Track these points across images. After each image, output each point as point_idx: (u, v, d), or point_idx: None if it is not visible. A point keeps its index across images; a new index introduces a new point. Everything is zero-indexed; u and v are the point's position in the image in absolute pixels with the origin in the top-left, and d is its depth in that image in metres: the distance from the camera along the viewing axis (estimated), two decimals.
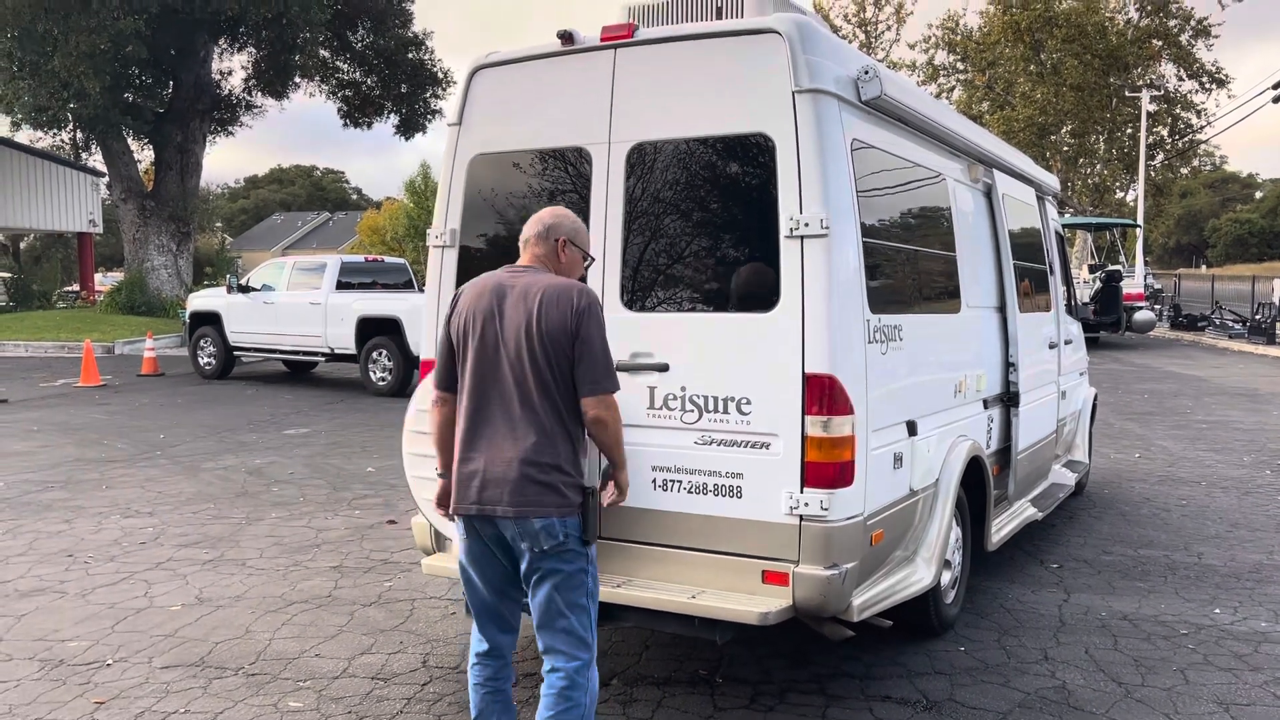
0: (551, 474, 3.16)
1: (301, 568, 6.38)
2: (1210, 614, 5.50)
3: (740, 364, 4.03)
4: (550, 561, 3.18)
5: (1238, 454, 10.39)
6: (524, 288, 3.25)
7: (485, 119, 4.64)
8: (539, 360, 3.17)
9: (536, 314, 3.18)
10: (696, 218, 4.16)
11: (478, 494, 3.20)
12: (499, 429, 3.21)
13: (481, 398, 3.25)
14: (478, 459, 3.22)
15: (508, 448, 3.18)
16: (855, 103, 4.21)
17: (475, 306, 3.29)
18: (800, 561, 3.92)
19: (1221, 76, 37.31)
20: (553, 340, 3.16)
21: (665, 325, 4.18)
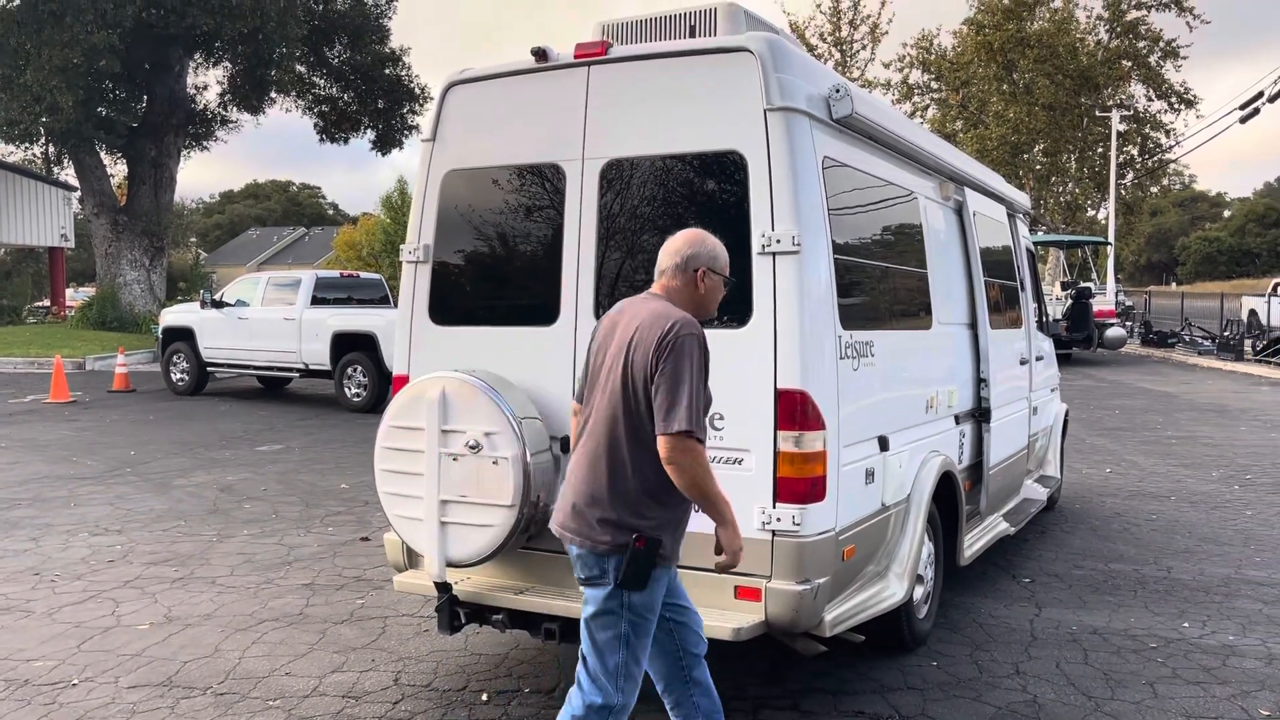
0: (597, 508, 3.06)
1: (273, 585, 6.32)
2: (1179, 627, 5.55)
3: (713, 379, 4.02)
4: (588, 591, 3.14)
5: (1207, 469, 10.51)
6: (632, 316, 3.16)
7: (459, 135, 4.65)
8: (620, 392, 3.07)
9: (629, 345, 3.09)
10: (669, 234, 4.16)
11: (557, 513, 3.22)
12: (579, 455, 3.18)
13: (582, 420, 3.26)
14: (566, 483, 3.22)
15: (577, 474, 3.15)
16: (827, 121, 4.25)
17: (603, 329, 3.27)
18: (772, 577, 3.93)
19: (1190, 97, 37.94)
20: (636, 372, 3.05)
21: None
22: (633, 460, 3.05)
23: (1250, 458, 11.20)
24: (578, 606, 4.08)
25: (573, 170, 4.35)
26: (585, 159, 4.33)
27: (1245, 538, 7.60)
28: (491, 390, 4.09)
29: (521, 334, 4.44)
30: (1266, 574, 6.61)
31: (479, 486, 4.07)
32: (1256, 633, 5.47)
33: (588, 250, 4.30)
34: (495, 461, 4.03)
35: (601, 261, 4.28)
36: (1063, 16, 37.72)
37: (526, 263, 4.48)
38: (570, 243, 4.33)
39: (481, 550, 4.12)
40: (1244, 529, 7.87)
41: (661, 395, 2.98)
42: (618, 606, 3.07)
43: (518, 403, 4.16)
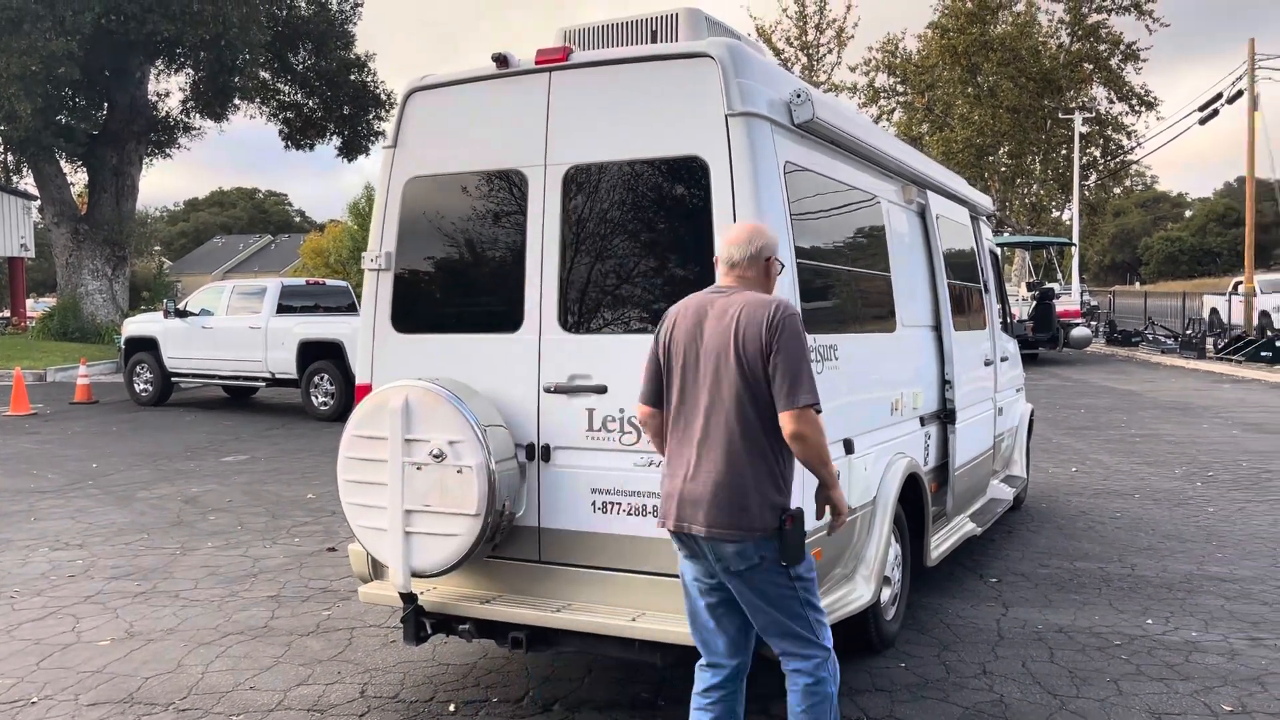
0: (747, 497, 3.14)
1: (237, 598, 6.24)
2: (1143, 624, 5.61)
3: None
4: (750, 580, 3.19)
5: (1170, 466, 10.65)
6: (723, 306, 3.25)
7: (421, 141, 4.62)
8: (740, 381, 3.15)
9: (735, 331, 3.17)
10: (634, 239, 4.17)
11: (677, 512, 3.23)
12: (697, 449, 3.20)
13: (685, 418, 3.27)
14: (679, 478, 3.24)
15: (709, 471, 3.17)
16: (788, 126, 4.26)
17: (680, 327, 3.30)
18: None
19: (1150, 99, 38.48)
20: (750, 357, 3.14)
21: (603, 347, 4.18)
22: (768, 443, 3.17)
23: (1212, 455, 11.36)
24: (544, 615, 4.06)
25: (535, 176, 4.33)
26: (548, 165, 4.31)
27: (1207, 534, 7.69)
28: (455, 398, 4.06)
29: (485, 341, 4.41)
30: (1228, 570, 6.70)
31: (443, 495, 4.04)
32: (1219, 628, 5.53)
33: (551, 256, 4.28)
34: (459, 470, 4.00)
35: (565, 267, 4.26)
36: (1025, 20, 38.16)
37: (490, 269, 4.45)
38: (533, 249, 4.31)
39: (447, 560, 4.08)
40: (1206, 525, 7.98)
41: (781, 373, 3.10)
42: (787, 582, 3.21)
43: (482, 410, 4.13)
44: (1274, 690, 4.63)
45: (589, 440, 4.18)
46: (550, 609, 4.10)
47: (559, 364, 4.24)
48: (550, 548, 4.26)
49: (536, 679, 4.83)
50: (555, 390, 4.23)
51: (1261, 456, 11.18)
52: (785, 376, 3.10)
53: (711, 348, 3.21)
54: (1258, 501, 8.86)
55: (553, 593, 4.24)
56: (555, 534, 4.25)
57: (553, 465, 4.26)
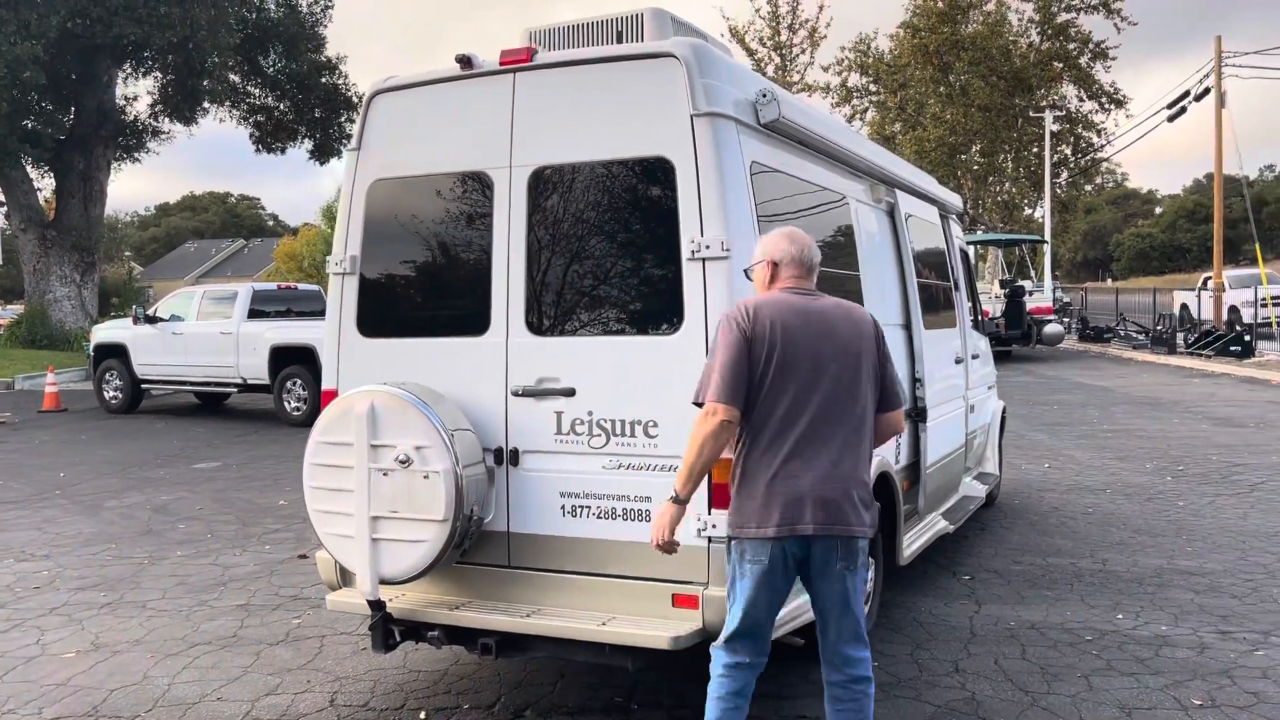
0: (866, 494, 3.29)
1: (206, 607, 6.17)
2: (1113, 619, 5.64)
3: (647, 387, 4.02)
4: (853, 576, 3.29)
5: (1141, 461, 10.74)
6: (837, 309, 3.36)
7: (384, 143, 4.58)
8: (862, 383, 3.29)
9: (864, 336, 3.34)
10: (600, 241, 4.14)
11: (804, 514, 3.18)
12: (820, 449, 3.21)
13: (798, 419, 3.22)
14: (808, 480, 3.19)
15: (831, 468, 3.21)
16: (754, 125, 4.25)
17: (789, 328, 3.25)
18: (709, 583, 3.91)
19: (1119, 97, 38.82)
20: (869, 361, 3.32)
21: (571, 349, 4.15)
22: (868, 442, 3.35)
23: (1182, 449, 11.46)
24: (514, 620, 4.03)
25: (500, 178, 4.30)
26: (513, 166, 4.28)
27: (1177, 528, 7.75)
28: (421, 403, 4.02)
29: (452, 345, 4.38)
30: (1197, 564, 6.75)
31: (410, 501, 4.00)
32: (1188, 622, 5.57)
33: (517, 258, 4.25)
34: (426, 476, 3.96)
35: (532, 270, 4.23)
36: (995, 19, 38.40)
37: (455, 272, 4.41)
38: (499, 251, 4.28)
39: (414, 566, 4.04)
40: (1176, 520, 8.04)
41: (891, 375, 3.41)
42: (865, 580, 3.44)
43: (448, 415, 4.09)
44: (1243, 683, 4.67)
45: (558, 443, 4.15)
46: (520, 614, 4.07)
47: (526, 367, 4.21)
48: (520, 552, 4.23)
49: (508, 685, 4.79)
50: (523, 393, 4.20)
51: (1230, 450, 11.30)
52: (894, 378, 3.43)
53: (844, 350, 3.28)
54: (1227, 495, 8.94)
55: (523, 598, 4.21)
56: (524, 538, 4.22)
57: (521, 469, 4.23)
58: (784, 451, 3.22)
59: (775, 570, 3.25)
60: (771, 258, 3.44)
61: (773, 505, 3.20)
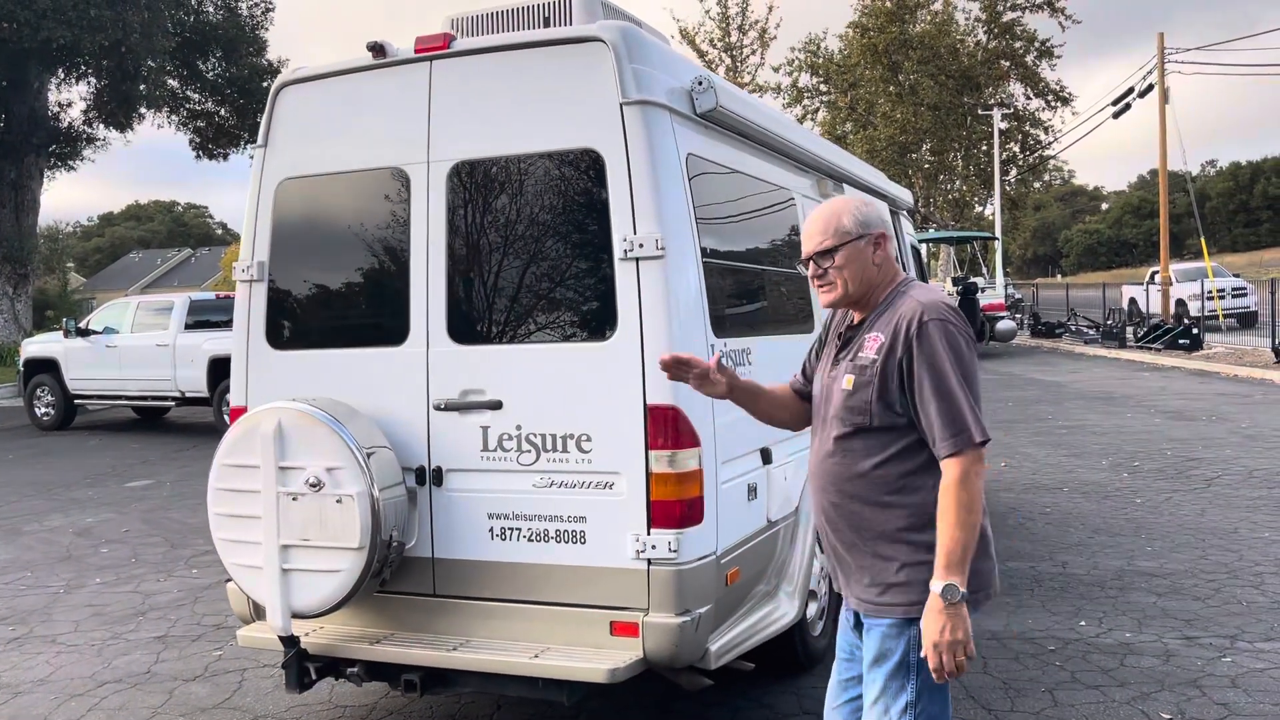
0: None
1: (120, 640, 5.76)
2: (1076, 627, 5.44)
3: (579, 398, 3.72)
4: None
5: (1096, 458, 10.63)
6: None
7: (293, 140, 4.23)
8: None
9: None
10: (526, 241, 3.84)
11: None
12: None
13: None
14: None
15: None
16: (690, 115, 3.97)
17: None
18: (650, 610, 3.61)
19: (1065, 95, 39.22)
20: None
21: (496, 359, 3.84)
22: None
23: (1137, 444, 11.39)
24: (439, 654, 3.72)
25: (418, 174, 3.97)
26: (431, 162, 3.96)
27: (1136, 527, 7.61)
28: (333, 420, 3.68)
29: (368, 356, 4.04)
30: (1158, 564, 6.59)
31: (322, 528, 3.66)
32: (1152, 628, 5.38)
33: (437, 262, 3.92)
34: (339, 499, 3.63)
35: (453, 273, 3.91)
36: (943, 19, 38.62)
37: (372, 278, 4.08)
38: (418, 254, 3.95)
39: (329, 599, 3.70)
40: (1134, 518, 7.90)
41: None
42: None
43: (363, 432, 3.76)
44: (1212, 693, 4.47)
45: (484, 461, 3.84)
46: (446, 647, 3.74)
47: (449, 378, 3.89)
48: (445, 580, 3.91)
49: (441, 717, 4.46)
50: (445, 407, 3.88)
51: (1183, 444, 11.24)
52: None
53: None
54: (1183, 491, 8.83)
55: (450, 628, 3.88)
56: (450, 564, 3.90)
57: (445, 489, 3.90)
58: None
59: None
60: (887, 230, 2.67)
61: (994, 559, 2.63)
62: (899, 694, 2.55)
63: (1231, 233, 69.86)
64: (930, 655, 2.40)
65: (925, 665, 2.47)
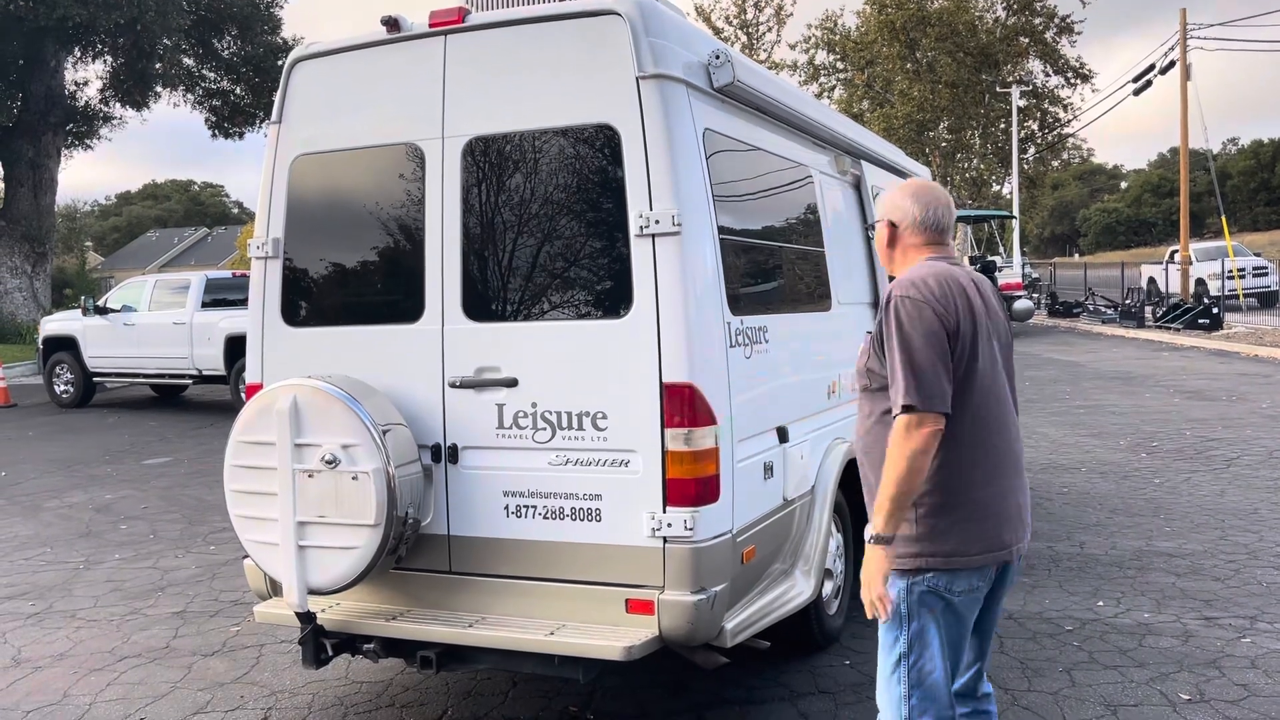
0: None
1: (139, 615, 5.80)
2: (1094, 607, 5.41)
3: (594, 375, 3.70)
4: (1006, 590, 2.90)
5: (1115, 438, 10.56)
6: (980, 282, 2.83)
7: (308, 116, 4.21)
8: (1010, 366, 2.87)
9: (1002, 308, 2.90)
10: (542, 218, 3.81)
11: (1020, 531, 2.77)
12: (1017, 454, 2.78)
13: (996, 419, 2.72)
14: (1013, 489, 2.75)
15: (1020, 468, 2.80)
16: (707, 90, 3.92)
17: (969, 308, 2.70)
18: (665, 588, 3.60)
19: (1085, 72, 38.77)
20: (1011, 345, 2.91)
21: (512, 336, 3.82)
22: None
23: (1156, 424, 11.30)
24: (455, 631, 3.72)
25: (432, 150, 3.95)
26: (445, 137, 3.93)
27: (1155, 507, 7.56)
28: (348, 397, 3.67)
29: (383, 333, 4.03)
30: (1176, 544, 6.55)
31: (338, 505, 3.66)
32: (1170, 608, 5.35)
33: (452, 238, 3.90)
34: (355, 477, 3.63)
35: (468, 250, 3.89)
36: None
37: (386, 254, 4.06)
38: (433, 230, 3.93)
39: (345, 575, 3.71)
40: (1153, 498, 7.84)
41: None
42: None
43: (379, 410, 3.75)
44: (1231, 674, 4.44)
45: (500, 439, 3.83)
46: (462, 624, 3.75)
47: (464, 356, 3.87)
48: (461, 557, 3.91)
49: (456, 695, 4.48)
50: (461, 385, 3.86)
51: (1203, 425, 11.15)
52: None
53: (1000, 332, 2.81)
54: (1203, 471, 8.76)
55: (466, 605, 3.89)
56: (466, 542, 3.90)
57: (461, 467, 3.90)
58: (984, 456, 2.69)
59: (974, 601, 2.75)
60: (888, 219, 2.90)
61: (1000, 520, 2.71)
62: (893, 646, 2.79)
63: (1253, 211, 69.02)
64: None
65: (918, 618, 2.70)
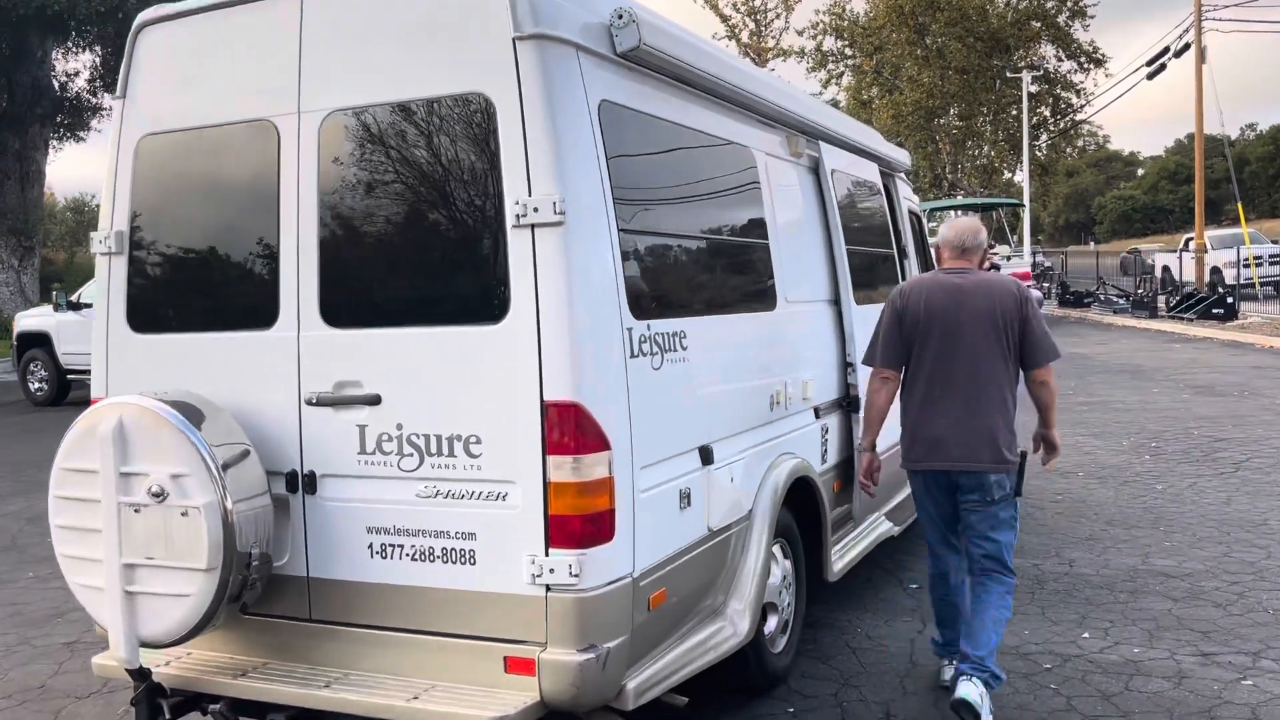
0: (1004, 437, 3.95)
1: (27, 646, 5.29)
2: (1078, 640, 4.83)
3: (466, 392, 3.14)
4: (993, 507, 3.98)
5: (1117, 437, 9.94)
6: (977, 283, 3.99)
7: (154, 90, 3.66)
8: (997, 343, 3.91)
9: (995, 304, 3.92)
10: (409, 205, 3.25)
11: (942, 452, 3.96)
12: (960, 400, 3.92)
13: (942, 377, 3.95)
14: (941, 424, 3.95)
15: (970, 415, 3.91)
16: (608, 55, 3.35)
17: (933, 301, 3.98)
18: (548, 644, 3.05)
19: (1098, 56, 37.88)
20: (1007, 325, 3.91)
21: (375, 345, 3.27)
22: (1011, 395, 4.00)
23: (1162, 422, 10.68)
24: (307, 693, 3.18)
25: (287, 127, 3.39)
26: (301, 112, 3.37)
27: (1154, 518, 6.96)
28: (179, 418, 3.13)
29: (235, 341, 3.48)
30: (1175, 562, 5.95)
31: (168, 545, 3.12)
32: (1164, 641, 4.77)
33: (308, 230, 3.35)
34: (185, 512, 3.09)
35: (326, 244, 3.33)
36: None
37: (239, 250, 3.51)
38: (287, 221, 3.38)
39: (179, 626, 3.17)
40: (1154, 507, 7.24)
41: (1036, 337, 3.95)
42: (1013, 507, 4.06)
43: (222, 431, 3.21)
44: None
45: (362, 466, 3.28)
46: (318, 684, 3.21)
47: (323, 368, 3.32)
48: (322, 603, 3.36)
49: None
50: (318, 402, 3.31)
51: (1212, 423, 10.52)
52: (1040, 339, 3.96)
53: (974, 318, 3.92)
54: (1209, 476, 8.15)
55: (328, 659, 3.34)
56: (327, 585, 3.35)
57: (320, 498, 3.35)
58: (920, 401, 4.02)
59: (934, 495, 4.13)
60: (935, 243, 4.27)
61: (921, 445, 4.03)
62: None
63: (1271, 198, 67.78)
64: None
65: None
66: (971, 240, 4.11)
